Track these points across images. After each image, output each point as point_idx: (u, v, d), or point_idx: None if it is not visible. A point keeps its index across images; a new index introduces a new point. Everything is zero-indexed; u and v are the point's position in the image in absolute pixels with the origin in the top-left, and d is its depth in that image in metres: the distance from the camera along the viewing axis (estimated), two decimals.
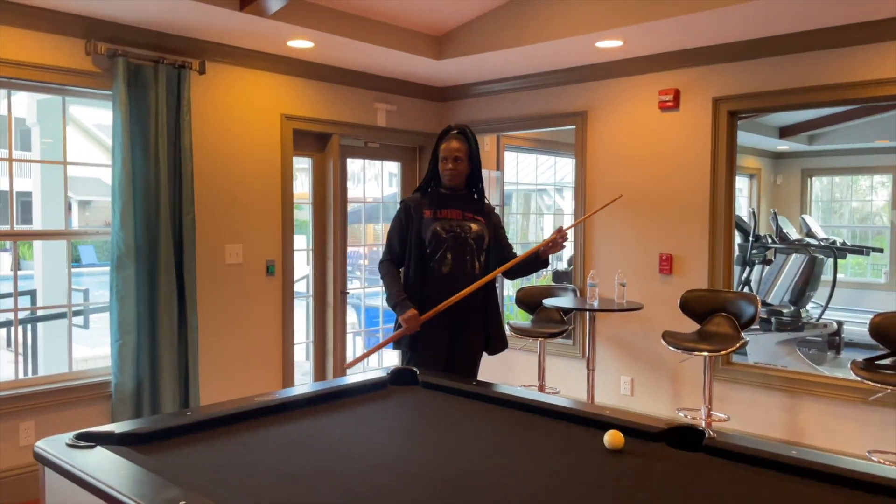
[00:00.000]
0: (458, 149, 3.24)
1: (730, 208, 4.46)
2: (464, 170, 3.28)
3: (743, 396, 4.40)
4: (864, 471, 1.76)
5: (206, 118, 4.34)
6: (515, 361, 5.45)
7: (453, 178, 3.26)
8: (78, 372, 4.04)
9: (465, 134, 3.29)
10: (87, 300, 6.64)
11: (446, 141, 3.27)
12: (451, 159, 3.25)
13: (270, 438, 2.10)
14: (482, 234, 3.32)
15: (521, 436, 2.19)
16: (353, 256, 6.57)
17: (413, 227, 3.26)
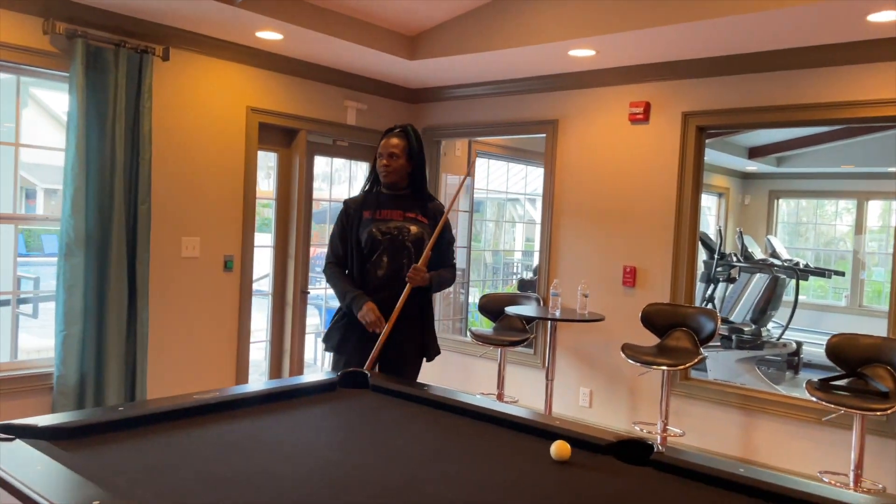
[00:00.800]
0: (396, 145, 3.12)
1: (694, 224, 4.46)
2: (400, 167, 3.13)
3: (699, 412, 4.39)
4: (811, 491, 1.73)
5: (169, 106, 4.23)
6: (475, 369, 5.40)
7: (388, 174, 3.13)
8: (20, 362, 3.89)
9: (405, 131, 3.18)
10: (37, 288, 6.44)
11: (385, 138, 3.17)
12: (386, 155, 3.13)
13: (205, 439, 2.00)
14: (422, 237, 3.17)
15: (467, 444, 2.13)
16: (320, 257, 6.48)
17: (353, 228, 3.17)
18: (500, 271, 9.62)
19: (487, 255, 9.51)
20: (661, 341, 4.23)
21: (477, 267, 8.99)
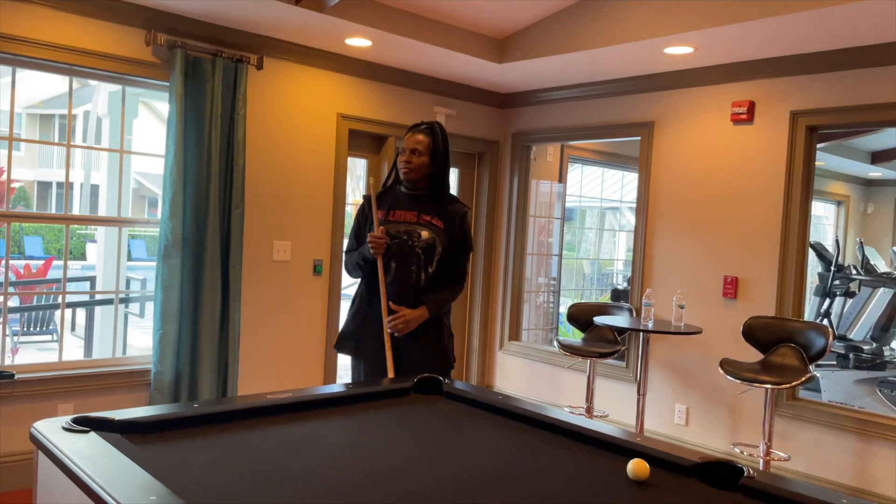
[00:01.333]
0: (420, 141, 2.97)
1: (804, 232, 4.13)
2: (422, 164, 2.97)
3: (808, 436, 4.04)
4: None
5: (262, 113, 4.34)
6: (564, 381, 5.22)
7: (408, 172, 2.98)
8: (122, 358, 4.09)
9: (431, 128, 3.03)
10: (144, 289, 6.80)
11: (410, 134, 3.03)
12: (408, 150, 2.98)
13: (271, 439, 1.99)
14: (433, 243, 2.97)
15: (538, 459, 2.01)
16: None
17: (367, 226, 3.05)
18: (598, 281, 9.35)
19: (585, 264, 9.27)
20: (765, 357, 3.93)
21: (573, 276, 8.78)
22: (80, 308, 6.79)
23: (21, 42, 3.51)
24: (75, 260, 11.11)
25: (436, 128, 3.03)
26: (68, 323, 7.18)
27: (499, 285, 5.76)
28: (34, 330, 6.80)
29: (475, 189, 5.81)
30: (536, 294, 6.22)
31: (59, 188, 13.92)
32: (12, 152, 3.76)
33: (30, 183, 14.42)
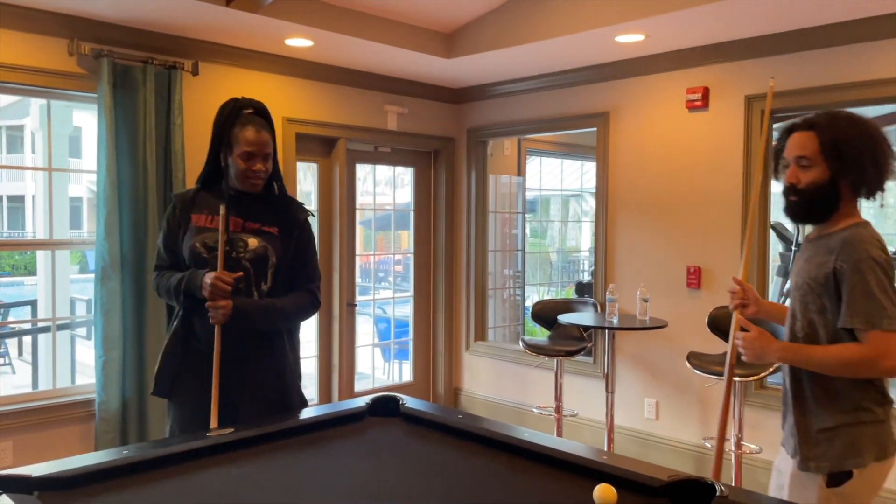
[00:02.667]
0: (267, 143, 2.39)
1: (765, 217, 4.07)
2: (269, 170, 2.44)
3: (778, 424, 3.98)
4: None
5: (201, 122, 4.11)
6: (532, 380, 5.12)
7: (257, 183, 2.41)
8: (64, 389, 3.86)
9: (267, 118, 2.44)
10: (89, 311, 6.52)
11: (243, 127, 2.36)
12: (260, 157, 2.37)
13: (208, 486, 1.83)
14: (264, 254, 2.40)
15: (503, 485, 1.88)
16: (384, 262, 6.32)
17: (179, 235, 2.44)
18: (564, 271, 9.27)
19: (553, 254, 9.19)
20: None
21: (543, 268, 8.69)
22: (26, 335, 6.49)
23: None
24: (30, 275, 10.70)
25: (268, 114, 2.47)
26: (15, 349, 6.86)
27: (462, 285, 5.62)
28: None
29: (433, 187, 5.65)
30: (503, 289, 6.11)
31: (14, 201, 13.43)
32: None
33: None
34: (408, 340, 5.66)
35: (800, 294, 2.07)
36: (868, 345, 1.88)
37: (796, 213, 2.08)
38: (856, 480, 1.95)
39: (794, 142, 2.02)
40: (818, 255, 2.01)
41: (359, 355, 5.51)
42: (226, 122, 2.39)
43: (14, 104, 4.22)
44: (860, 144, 1.94)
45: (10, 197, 13.29)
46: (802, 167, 2.00)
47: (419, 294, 5.63)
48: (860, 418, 1.96)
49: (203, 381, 2.40)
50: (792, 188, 2.02)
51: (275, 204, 2.49)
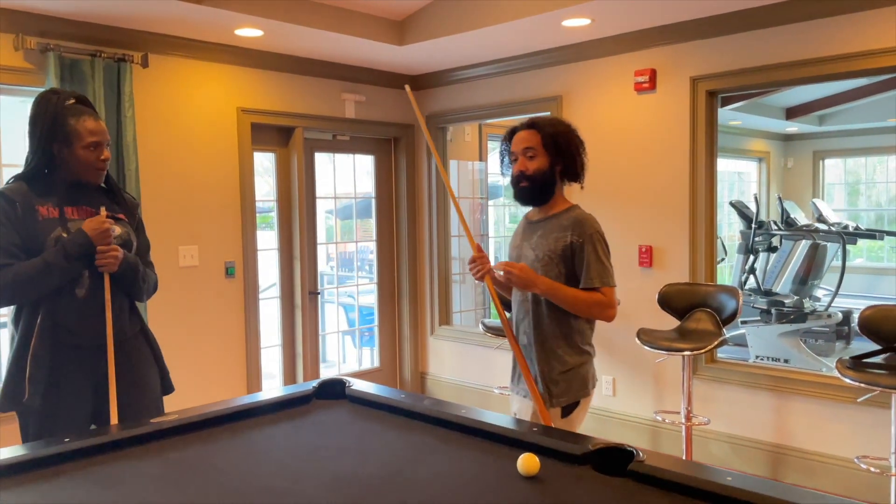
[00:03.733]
0: (106, 130, 2.41)
1: (711, 195, 4.16)
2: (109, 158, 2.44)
3: (728, 396, 4.11)
4: (800, 501, 1.50)
5: (153, 114, 4.13)
6: (495, 361, 5.21)
7: (103, 173, 2.42)
8: None
9: (92, 107, 2.43)
10: None
11: (79, 118, 2.33)
12: (105, 145, 2.37)
13: (147, 470, 1.87)
14: (128, 238, 2.46)
15: (435, 457, 1.95)
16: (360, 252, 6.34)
17: (21, 231, 2.28)
18: None
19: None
20: (681, 324, 3.97)
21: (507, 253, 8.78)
22: None
23: None
24: None
25: (92, 105, 2.46)
26: None
27: (425, 271, 5.68)
28: None
29: (394, 174, 5.69)
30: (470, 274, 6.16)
31: None
32: None
33: None
34: (373, 327, 5.72)
35: (541, 265, 2.52)
36: (603, 296, 2.50)
37: (527, 196, 2.55)
38: (580, 408, 2.58)
39: (521, 137, 2.48)
40: (553, 232, 2.53)
41: (327, 343, 5.56)
42: (56, 115, 2.31)
43: None
44: (570, 139, 2.50)
45: None
46: (529, 157, 2.46)
47: (383, 281, 5.69)
48: (584, 359, 2.60)
49: (83, 376, 2.37)
50: (522, 175, 2.47)
51: (113, 192, 2.51)
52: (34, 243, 2.27)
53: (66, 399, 2.35)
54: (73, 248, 2.26)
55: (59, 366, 2.34)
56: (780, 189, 10.29)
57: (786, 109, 8.84)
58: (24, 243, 2.27)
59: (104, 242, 2.31)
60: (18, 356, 2.32)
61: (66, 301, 2.32)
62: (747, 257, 7.64)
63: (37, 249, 2.27)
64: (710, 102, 4.10)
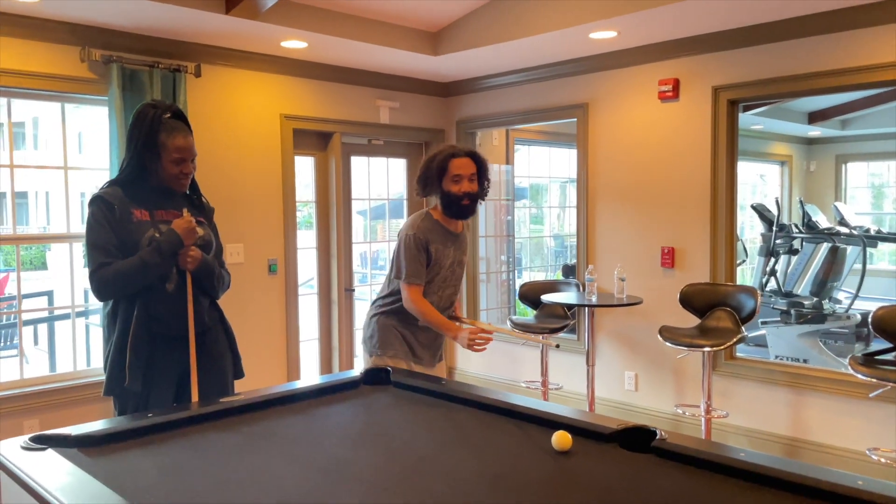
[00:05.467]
0: (193, 147, 2.64)
1: (732, 199, 4.35)
2: (194, 170, 2.69)
3: (746, 392, 4.30)
4: (817, 477, 1.70)
5: (204, 121, 4.41)
6: (521, 357, 5.43)
7: (185, 184, 2.66)
8: (84, 371, 4.16)
9: (186, 121, 2.66)
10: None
11: (170, 133, 2.55)
12: (188, 161, 2.61)
13: (221, 441, 2.13)
14: (209, 239, 2.72)
15: (475, 435, 2.18)
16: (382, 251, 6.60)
17: (118, 231, 2.51)
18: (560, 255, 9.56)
19: (548, 239, 9.48)
20: (702, 322, 4.16)
21: (540, 252, 8.99)
22: (42, 323, 6.80)
23: None
24: (36, 270, 11.01)
25: (187, 119, 2.69)
26: (31, 338, 7.18)
27: None
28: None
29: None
30: (497, 273, 6.40)
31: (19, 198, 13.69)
32: None
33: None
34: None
35: (460, 269, 3.20)
36: None
37: (465, 213, 3.05)
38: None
39: (467, 163, 2.99)
40: (463, 244, 3.20)
41: (359, 337, 5.81)
42: (151, 129, 2.53)
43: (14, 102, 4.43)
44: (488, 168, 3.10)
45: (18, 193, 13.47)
46: (471, 181, 2.99)
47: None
48: None
49: (172, 363, 2.63)
50: (467, 195, 3.00)
51: (195, 195, 2.77)
52: (129, 243, 2.50)
53: (159, 383, 2.62)
54: (166, 246, 2.51)
55: (153, 354, 2.59)
56: (802, 192, 10.37)
57: (808, 114, 8.96)
58: (121, 243, 2.50)
59: (190, 241, 2.56)
60: (119, 346, 2.56)
61: (158, 295, 2.56)
62: (768, 259, 7.78)
63: (131, 249, 2.50)
64: (731, 111, 4.29)
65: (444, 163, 2.98)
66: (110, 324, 2.63)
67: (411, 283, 3.03)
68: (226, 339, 2.85)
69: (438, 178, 2.99)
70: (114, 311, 2.61)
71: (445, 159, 2.99)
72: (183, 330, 2.62)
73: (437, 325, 3.05)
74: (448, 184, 2.98)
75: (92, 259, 2.51)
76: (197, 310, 2.66)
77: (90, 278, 2.52)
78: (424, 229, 3.04)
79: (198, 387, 2.66)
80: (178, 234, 2.54)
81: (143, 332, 2.56)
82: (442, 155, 3.01)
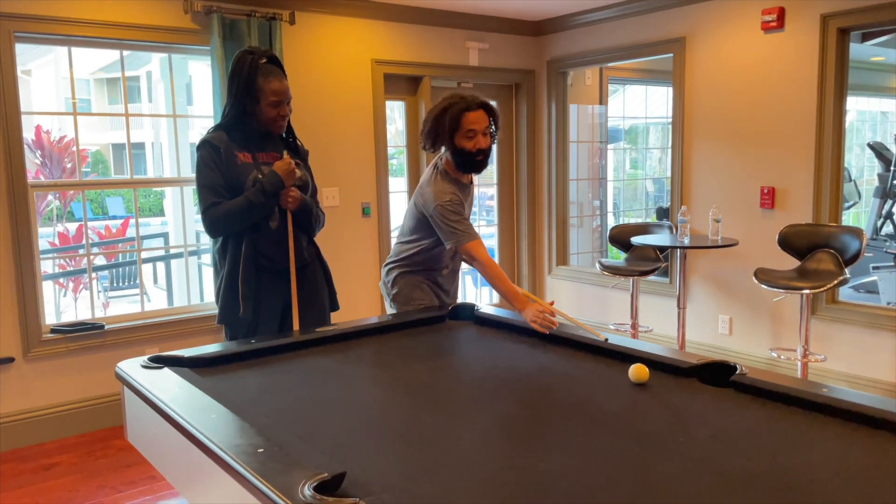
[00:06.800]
0: (288, 90, 2.75)
1: (839, 136, 4.10)
2: (291, 112, 2.81)
3: (847, 337, 4.13)
4: (889, 409, 1.67)
5: (299, 67, 4.56)
6: (610, 300, 5.41)
7: (283, 126, 2.79)
8: (198, 305, 4.50)
9: (280, 66, 2.77)
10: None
11: (267, 78, 2.68)
12: (285, 103, 2.74)
13: (316, 365, 2.29)
14: (307, 181, 2.87)
15: (556, 368, 2.25)
16: (480, 197, 6.65)
17: (224, 173, 2.68)
18: (659, 199, 9.32)
19: (648, 182, 9.25)
20: (802, 264, 4.00)
21: (639, 196, 8.81)
22: (160, 262, 7.35)
23: (72, 23, 3.81)
24: (154, 216, 11.81)
25: (280, 62, 2.80)
26: (152, 276, 7.78)
27: (543, 213, 5.91)
28: (122, 285, 7.42)
29: (514, 119, 5.91)
30: (592, 217, 6.34)
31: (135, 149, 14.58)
32: (78, 119, 4.11)
33: (105, 146, 15.15)
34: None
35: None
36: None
37: (478, 167, 2.89)
38: None
39: (478, 117, 2.79)
40: (472, 195, 3.06)
41: None
42: (249, 74, 2.66)
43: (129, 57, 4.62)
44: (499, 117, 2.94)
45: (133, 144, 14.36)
46: (484, 136, 2.82)
47: (503, 223, 5.97)
48: None
49: (277, 294, 2.83)
50: (481, 150, 2.82)
51: (291, 139, 2.89)
52: (234, 184, 2.68)
53: (266, 312, 2.83)
54: (269, 186, 2.67)
55: (261, 285, 2.79)
56: None
57: None
58: (227, 184, 2.68)
59: (291, 181, 2.72)
60: (231, 278, 2.77)
61: (263, 232, 2.75)
62: (884, 201, 7.29)
63: (237, 189, 2.68)
64: (841, 40, 4.01)
65: (457, 117, 2.77)
66: (220, 259, 2.84)
67: (473, 237, 2.83)
68: (323, 274, 3.02)
69: (450, 133, 2.79)
70: (223, 247, 2.81)
71: (459, 114, 2.77)
72: (285, 264, 2.82)
73: (506, 292, 2.73)
74: (461, 140, 2.79)
75: (203, 199, 2.70)
76: (297, 246, 2.84)
77: (202, 217, 2.71)
78: (454, 189, 2.86)
79: (299, 316, 2.85)
80: (280, 175, 2.69)
81: (251, 265, 2.74)
82: (455, 108, 2.78)
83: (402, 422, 1.79)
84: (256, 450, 1.47)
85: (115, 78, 15.07)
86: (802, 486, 1.38)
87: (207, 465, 1.55)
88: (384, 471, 1.47)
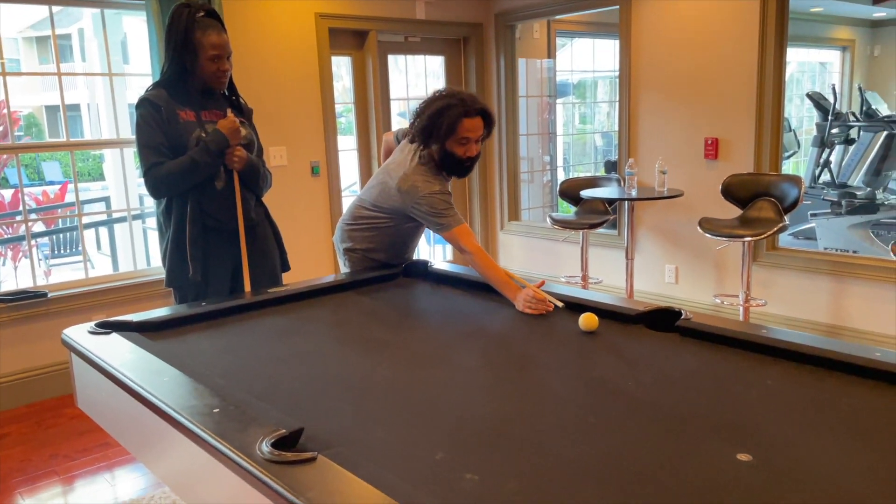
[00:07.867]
0: (228, 43, 2.66)
1: (778, 87, 4.20)
2: (231, 67, 2.72)
3: (786, 281, 4.30)
4: (826, 348, 1.76)
5: (239, 22, 4.41)
6: (561, 253, 5.49)
7: (224, 81, 2.70)
8: (144, 270, 4.41)
9: (220, 19, 2.68)
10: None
11: (205, 32, 2.59)
12: (225, 57, 2.65)
13: (270, 326, 2.28)
14: (252, 139, 2.80)
15: (504, 320, 2.29)
16: None
17: (166, 132, 2.60)
18: (607, 153, 9.43)
19: (597, 137, 9.33)
20: (744, 212, 4.13)
21: (588, 151, 8.88)
22: (102, 227, 7.14)
23: None
24: (94, 181, 11.43)
25: (219, 16, 2.71)
26: (95, 242, 7.56)
27: (494, 169, 5.93)
28: (64, 252, 7.20)
29: (463, 74, 5.86)
30: (542, 172, 6.38)
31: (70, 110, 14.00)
32: (7, 80, 3.92)
33: (38, 108, 14.52)
34: None
35: None
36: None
37: (466, 174, 2.91)
38: None
39: (475, 125, 2.70)
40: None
41: None
42: (186, 28, 2.57)
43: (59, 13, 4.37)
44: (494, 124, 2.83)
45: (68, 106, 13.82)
46: (477, 143, 2.76)
47: (455, 180, 5.95)
48: None
49: (226, 255, 2.79)
50: (470, 159, 2.78)
51: (234, 96, 2.82)
52: (177, 143, 2.60)
53: (216, 274, 2.80)
54: (213, 145, 2.61)
55: (209, 246, 2.75)
56: (864, 80, 9.85)
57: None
58: (169, 143, 2.60)
59: (236, 140, 2.65)
60: (178, 240, 2.71)
61: (208, 192, 2.69)
62: (822, 150, 7.53)
63: (180, 148, 2.60)
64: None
65: (454, 123, 2.66)
66: (165, 221, 2.78)
67: (460, 222, 2.70)
68: (272, 234, 3.00)
69: (445, 136, 2.68)
70: (167, 209, 2.75)
71: (456, 119, 2.65)
72: (233, 224, 2.77)
73: (498, 283, 2.52)
74: (454, 144, 2.70)
75: (144, 159, 2.61)
76: (245, 206, 2.79)
77: (144, 177, 2.64)
78: (441, 179, 2.79)
79: (250, 276, 2.83)
80: (224, 134, 2.63)
81: (197, 225, 2.70)
82: (453, 112, 2.65)
83: (359, 377, 1.80)
84: (212, 410, 1.47)
85: (45, 36, 14.38)
86: (741, 422, 1.45)
87: (163, 428, 1.54)
88: (342, 424, 1.49)
